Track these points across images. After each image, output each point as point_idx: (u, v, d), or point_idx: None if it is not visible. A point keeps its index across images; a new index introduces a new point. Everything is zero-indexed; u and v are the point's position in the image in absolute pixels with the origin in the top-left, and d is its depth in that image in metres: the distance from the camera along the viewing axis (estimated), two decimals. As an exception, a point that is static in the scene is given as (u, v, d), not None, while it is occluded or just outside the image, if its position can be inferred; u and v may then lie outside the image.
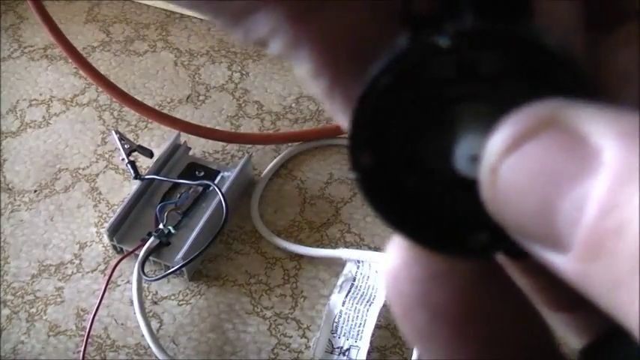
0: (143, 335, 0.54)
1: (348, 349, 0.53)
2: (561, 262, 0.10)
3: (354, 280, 0.57)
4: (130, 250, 0.57)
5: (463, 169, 0.12)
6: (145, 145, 0.64)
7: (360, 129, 0.12)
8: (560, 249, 0.10)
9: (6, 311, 0.58)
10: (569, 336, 0.14)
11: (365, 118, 0.12)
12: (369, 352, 0.53)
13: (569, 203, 0.09)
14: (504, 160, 0.10)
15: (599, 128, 0.09)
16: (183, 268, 0.56)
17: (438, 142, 0.12)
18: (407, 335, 0.12)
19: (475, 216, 0.12)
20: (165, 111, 0.71)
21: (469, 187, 0.11)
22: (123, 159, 0.61)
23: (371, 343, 0.53)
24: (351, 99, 0.12)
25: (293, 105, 0.72)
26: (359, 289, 0.56)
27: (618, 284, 0.09)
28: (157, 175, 0.62)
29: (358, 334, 0.53)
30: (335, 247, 0.60)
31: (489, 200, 0.10)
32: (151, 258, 0.57)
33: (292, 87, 0.74)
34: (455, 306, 0.12)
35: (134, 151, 0.62)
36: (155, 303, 0.58)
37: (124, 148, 0.61)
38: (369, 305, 0.55)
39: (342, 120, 0.13)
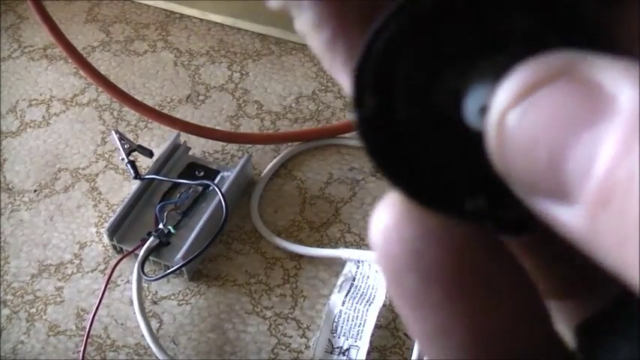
0: (143, 335, 0.54)
1: (348, 349, 0.53)
2: (568, 217, 0.09)
3: (354, 279, 0.57)
4: (130, 250, 0.57)
5: (472, 121, 0.11)
6: (145, 145, 0.64)
7: (367, 65, 0.11)
8: (568, 201, 0.09)
9: (6, 311, 0.58)
10: (558, 323, 0.14)
11: (374, 56, 0.11)
12: (368, 352, 0.53)
13: (579, 151, 0.09)
14: (514, 108, 0.10)
15: (613, 76, 0.09)
16: (183, 268, 0.56)
17: (447, 90, 0.11)
18: (397, 301, 0.11)
19: (476, 177, 0.11)
20: (165, 111, 0.71)
21: (475, 142, 0.11)
22: (123, 159, 0.61)
23: (371, 342, 0.53)
24: (354, 50, 0.11)
25: (293, 105, 0.72)
26: (359, 289, 0.56)
27: (626, 238, 0.08)
28: (157, 175, 0.62)
29: (358, 334, 0.53)
30: (335, 247, 0.60)
31: (495, 151, 0.10)
32: (150, 258, 0.57)
33: (292, 87, 0.74)
34: (447, 268, 0.11)
35: (134, 151, 0.62)
36: (155, 303, 0.58)
37: (123, 148, 0.61)
38: (369, 305, 0.55)
39: (340, 76, 0.12)
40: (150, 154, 0.63)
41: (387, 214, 0.11)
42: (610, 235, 0.09)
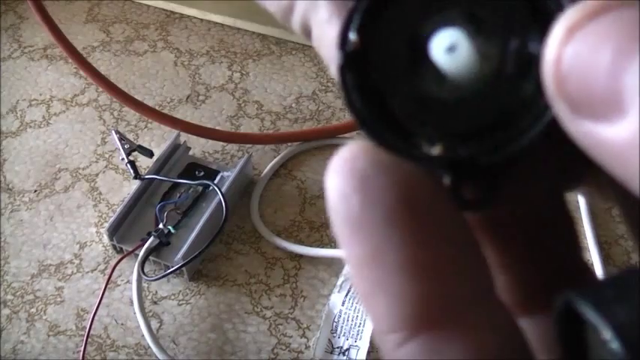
0: (143, 335, 0.54)
1: (348, 349, 0.53)
2: (614, 132, 0.10)
3: (354, 280, 0.57)
4: (130, 249, 0.57)
5: (440, 60, 0.12)
6: (145, 145, 0.64)
7: (354, 12, 0.13)
8: (620, 114, 0.10)
9: (6, 311, 0.58)
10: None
11: (361, 5, 0.13)
12: (368, 352, 0.53)
13: (637, 65, 0.10)
14: (574, 34, 0.10)
15: None
16: (183, 268, 0.56)
17: (420, 35, 0.12)
18: (338, 225, 0.12)
19: (438, 124, 0.12)
20: (165, 111, 0.71)
21: (441, 83, 0.12)
22: (123, 159, 0.61)
23: (371, 342, 0.53)
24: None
25: (293, 105, 0.72)
26: (359, 289, 0.56)
27: None
28: (157, 175, 0.62)
29: (358, 334, 0.53)
30: (335, 247, 0.60)
31: (553, 76, 0.11)
32: (150, 258, 0.57)
33: (292, 87, 0.74)
34: (392, 194, 0.11)
35: (134, 151, 0.62)
36: (155, 303, 0.58)
37: (124, 148, 0.61)
38: (369, 305, 0.55)
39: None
40: (150, 154, 0.63)
41: (345, 150, 0.12)
42: None
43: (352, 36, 0.13)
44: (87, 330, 0.54)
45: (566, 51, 0.11)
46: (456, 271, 0.12)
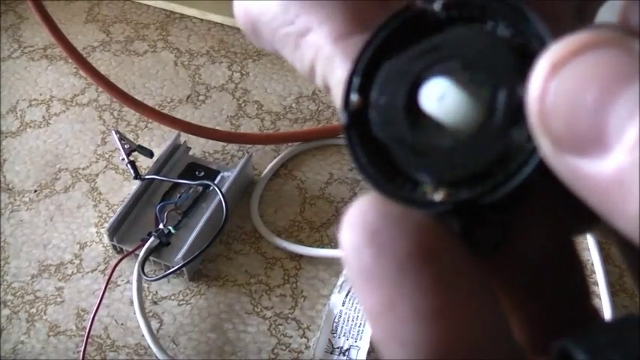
0: (143, 335, 0.54)
1: (348, 349, 0.53)
2: (597, 168, 0.10)
3: (354, 280, 0.57)
4: (130, 250, 0.57)
5: (432, 109, 0.13)
6: (145, 145, 0.64)
7: (354, 75, 0.14)
8: (604, 151, 0.10)
9: (6, 311, 0.58)
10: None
11: (360, 64, 0.14)
12: (369, 352, 0.53)
13: (621, 104, 0.10)
14: (558, 71, 0.11)
15: None
16: (183, 268, 0.56)
17: (414, 86, 0.13)
18: (352, 277, 0.12)
19: (439, 170, 0.13)
20: (165, 111, 0.71)
21: (437, 131, 0.13)
22: (123, 159, 0.61)
23: (371, 343, 0.53)
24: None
25: (293, 105, 0.72)
26: (359, 289, 0.56)
27: None
28: (157, 175, 0.62)
29: (358, 334, 0.53)
30: (335, 247, 0.60)
31: (537, 115, 0.11)
32: (151, 258, 0.57)
33: (292, 87, 0.74)
34: (402, 244, 0.12)
35: (134, 151, 0.62)
36: (155, 303, 0.58)
37: (124, 148, 0.61)
38: (369, 305, 0.55)
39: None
40: (150, 154, 0.63)
41: (356, 205, 0.12)
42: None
43: (353, 97, 0.14)
44: (87, 330, 0.54)
45: (550, 87, 0.11)
46: (470, 315, 0.12)
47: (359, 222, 0.12)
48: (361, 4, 0.15)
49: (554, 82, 0.11)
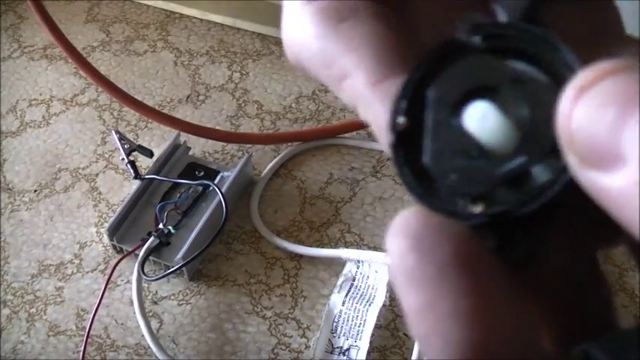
0: (143, 335, 0.54)
1: (348, 349, 0.53)
2: (617, 181, 0.11)
3: (354, 279, 0.57)
4: (130, 249, 0.57)
5: (474, 129, 0.14)
6: (145, 145, 0.64)
7: (400, 98, 0.15)
8: (621, 165, 0.11)
9: (6, 311, 0.58)
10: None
11: (405, 93, 0.15)
12: (368, 352, 0.53)
13: (635, 122, 0.11)
14: (585, 92, 0.12)
15: None
16: (183, 268, 0.56)
17: (456, 108, 0.15)
18: (397, 279, 0.13)
19: (476, 184, 0.14)
20: (165, 111, 0.71)
21: (477, 149, 0.14)
22: (123, 159, 0.61)
23: (371, 343, 0.53)
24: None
25: (293, 105, 0.72)
26: (359, 289, 0.56)
27: None
28: (157, 175, 0.62)
29: (358, 334, 0.53)
30: (335, 247, 0.60)
31: (564, 131, 0.12)
32: (151, 258, 0.57)
33: (292, 87, 0.74)
34: (443, 250, 0.13)
35: (134, 150, 0.62)
36: (155, 303, 0.58)
37: (124, 148, 0.61)
38: (369, 305, 0.55)
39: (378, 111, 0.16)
40: (150, 154, 0.63)
41: (401, 215, 0.14)
42: None
43: (400, 119, 0.15)
44: (87, 330, 0.54)
45: (575, 109, 0.12)
46: (502, 318, 0.13)
47: (403, 230, 0.13)
48: (393, 40, 0.17)
49: (579, 104, 0.12)
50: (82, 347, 0.53)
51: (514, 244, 0.15)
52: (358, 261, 0.57)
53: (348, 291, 0.56)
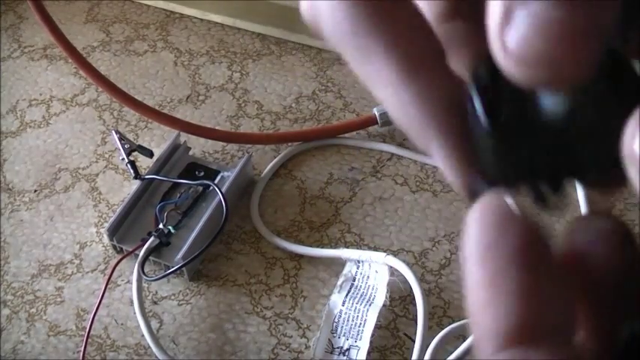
0: (143, 335, 0.54)
1: (348, 349, 0.53)
2: None
3: (354, 280, 0.57)
4: (130, 250, 0.57)
5: (549, 117, 0.15)
6: (145, 145, 0.64)
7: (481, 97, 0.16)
8: None
9: (6, 311, 0.58)
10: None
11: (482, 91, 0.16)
12: (369, 352, 0.53)
13: None
14: None
15: None
16: (184, 268, 0.56)
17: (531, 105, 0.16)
18: (467, 254, 0.15)
19: (550, 166, 0.16)
20: (165, 111, 0.71)
21: (549, 138, 0.15)
22: (123, 159, 0.61)
23: (371, 343, 0.53)
24: None
25: (293, 105, 0.72)
26: (359, 289, 0.56)
27: None
28: (157, 175, 0.62)
29: (358, 334, 0.53)
30: (335, 247, 0.60)
31: (628, 148, 0.13)
32: (151, 258, 0.57)
33: (292, 87, 0.74)
34: (512, 238, 0.15)
35: (134, 150, 0.62)
36: (155, 303, 0.58)
37: (124, 148, 0.61)
38: (369, 305, 0.55)
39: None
40: (150, 154, 0.63)
41: (481, 202, 0.15)
42: None
43: (504, 108, 0.16)
44: (87, 330, 0.54)
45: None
46: (552, 304, 0.15)
47: (482, 216, 0.15)
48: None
49: None
50: (82, 347, 0.53)
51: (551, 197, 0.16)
52: (358, 261, 0.57)
53: (348, 291, 0.56)
